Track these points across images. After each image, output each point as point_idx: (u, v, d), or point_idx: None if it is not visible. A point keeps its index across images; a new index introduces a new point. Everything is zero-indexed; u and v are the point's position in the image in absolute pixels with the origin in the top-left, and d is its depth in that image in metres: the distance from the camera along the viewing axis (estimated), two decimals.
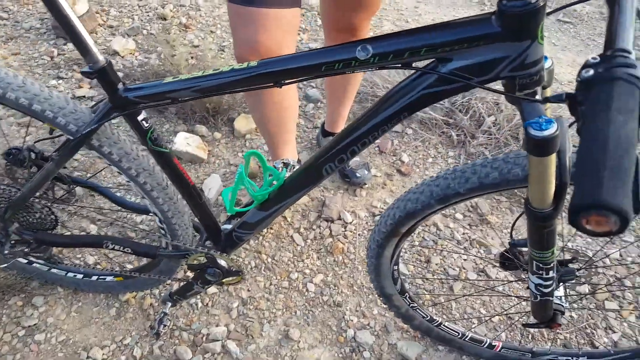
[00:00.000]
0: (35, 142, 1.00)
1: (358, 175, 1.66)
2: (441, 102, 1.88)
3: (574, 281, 0.95)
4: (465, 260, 1.51)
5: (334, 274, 1.47)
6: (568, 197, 0.55)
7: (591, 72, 0.47)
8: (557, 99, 0.52)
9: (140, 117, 0.82)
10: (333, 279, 1.46)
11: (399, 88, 0.67)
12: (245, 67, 0.69)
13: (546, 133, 0.57)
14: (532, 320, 1.00)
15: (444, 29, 0.59)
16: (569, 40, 2.69)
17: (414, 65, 0.63)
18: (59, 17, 0.70)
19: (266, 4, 0.98)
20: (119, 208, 1.18)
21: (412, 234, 0.96)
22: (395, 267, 1.06)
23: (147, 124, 0.83)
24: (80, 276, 1.30)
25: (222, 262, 1.05)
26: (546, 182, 0.64)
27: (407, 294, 1.15)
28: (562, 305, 0.96)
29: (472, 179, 0.76)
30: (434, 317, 1.21)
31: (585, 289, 1.42)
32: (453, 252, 1.52)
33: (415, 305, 1.18)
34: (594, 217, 0.39)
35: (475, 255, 1.52)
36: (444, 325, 1.22)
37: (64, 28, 0.71)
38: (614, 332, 1.36)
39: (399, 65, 0.63)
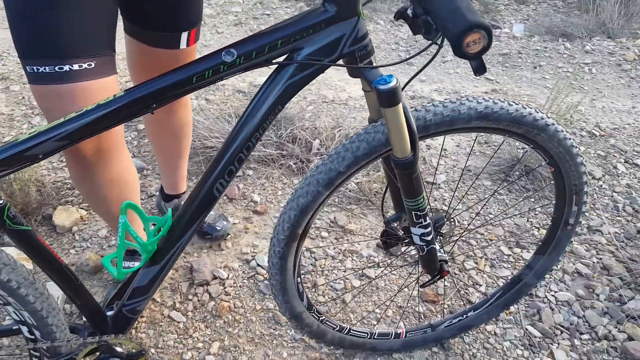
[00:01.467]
0: None
1: (218, 228, 1.70)
2: (270, 137, 2.09)
3: (443, 228, 1.19)
4: (345, 272, 1.68)
5: (229, 335, 1.46)
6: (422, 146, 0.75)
7: None
8: (405, 10, 0.76)
9: None
10: (230, 342, 1.44)
11: (266, 86, 0.81)
12: (112, 99, 0.73)
13: (391, 85, 0.78)
14: (425, 280, 1.21)
15: (292, 23, 0.77)
16: None
17: (274, 61, 0.78)
18: None
19: (84, 76, 0.94)
20: None
21: (306, 237, 1.08)
22: (299, 280, 1.15)
23: (2, 201, 0.76)
24: None
25: (119, 348, 0.97)
26: (402, 129, 0.85)
27: (314, 308, 1.24)
28: (444, 255, 1.18)
29: (347, 156, 0.93)
30: (343, 325, 1.32)
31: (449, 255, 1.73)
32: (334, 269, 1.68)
33: (324, 317, 1.27)
34: (470, 37, 0.62)
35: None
36: (353, 330, 1.35)
37: None
38: (480, 285, 1.68)
39: (262, 62, 0.76)
